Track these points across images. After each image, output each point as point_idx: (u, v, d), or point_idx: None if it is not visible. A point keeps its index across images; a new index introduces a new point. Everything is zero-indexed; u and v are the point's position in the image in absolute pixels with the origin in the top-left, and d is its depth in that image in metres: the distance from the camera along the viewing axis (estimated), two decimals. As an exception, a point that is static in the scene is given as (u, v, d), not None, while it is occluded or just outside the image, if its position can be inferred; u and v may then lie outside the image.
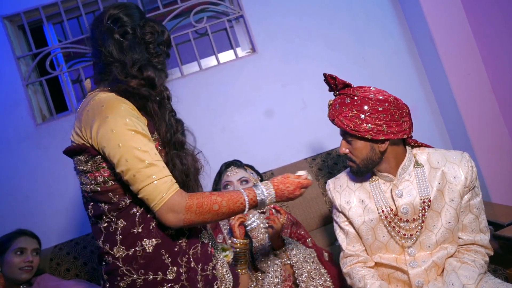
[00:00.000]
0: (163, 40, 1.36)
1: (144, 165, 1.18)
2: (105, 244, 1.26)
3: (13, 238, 2.07)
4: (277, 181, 1.36)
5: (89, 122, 1.21)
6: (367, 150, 1.52)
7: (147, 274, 1.24)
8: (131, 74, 1.28)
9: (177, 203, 1.20)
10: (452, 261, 1.52)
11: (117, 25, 1.31)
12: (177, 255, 1.28)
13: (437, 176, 1.53)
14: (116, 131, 1.18)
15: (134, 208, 1.26)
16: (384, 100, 1.46)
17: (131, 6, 1.37)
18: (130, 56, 1.28)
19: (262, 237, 1.91)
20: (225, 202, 1.26)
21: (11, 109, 2.65)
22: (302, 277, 1.76)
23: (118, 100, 1.24)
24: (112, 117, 1.19)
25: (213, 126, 2.69)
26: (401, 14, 2.80)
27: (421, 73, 2.80)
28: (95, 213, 1.27)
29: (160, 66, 1.35)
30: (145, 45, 1.32)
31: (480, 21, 2.50)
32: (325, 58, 2.75)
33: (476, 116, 2.57)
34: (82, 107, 1.28)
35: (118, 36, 1.30)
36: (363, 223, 1.61)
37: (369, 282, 1.56)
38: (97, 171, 1.24)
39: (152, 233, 1.25)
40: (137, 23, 1.32)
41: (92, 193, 1.26)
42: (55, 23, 2.84)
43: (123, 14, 1.33)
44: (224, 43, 2.87)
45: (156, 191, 1.18)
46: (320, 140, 2.71)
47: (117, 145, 1.17)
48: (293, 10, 2.76)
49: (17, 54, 2.68)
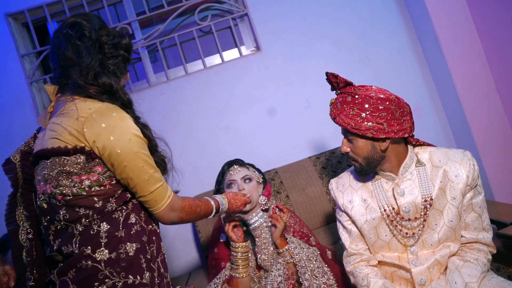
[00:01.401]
0: (120, 43, 1.36)
1: (153, 170, 1.32)
2: (85, 248, 1.24)
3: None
4: (230, 197, 1.68)
5: (96, 127, 1.23)
6: (368, 149, 1.52)
7: (127, 277, 1.26)
8: (88, 81, 1.28)
9: (176, 202, 1.39)
10: (455, 260, 1.52)
11: (74, 29, 1.31)
12: (150, 261, 1.34)
13: (439, 175, 1.53)
14: (131, 138, 1.26)
15: (116, 214, 1.29)
16: (385, 98, 1.46)
17: (89, 14, 1.39)
18: (85, 60, 1.28)
19: (264, 236, 1.91)
20: (203, 207, 1.52)
21: (16, 107, 2.66)
22: (305, 275, 1.76)
23: (122, 110, 1.31)
24: (125, 125, 1.27)
25: (217, 125, 2.70)
26: (406, 13, 2.79)
27: (425, 73, 2.80)
28: (70, 218, 1.25)
29: (114, 68, 1.34)
30: (100, 46, 1.32)
31: (485, 20, 2.49)
32: (330, 57, 2.75)
33: (480, 115, 2.57)
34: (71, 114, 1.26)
35: (75, 40, 1.30)
36: (366, 222, 1.62)
37: (372, 281, 1.56)
38: (86, 174, 1.24)
39: (132, 237, 1.30)
40: (93, 27, 1.33)
41: (71, 197, 1.24)
42: (59, 21, 2.84)
43: (80, 19, 1.34)
44: (229, 42, 2.88)
45: (163, 192, 1.34)
46: (324, 138, 2.71)
47: (132, 152, 1.26)
48: (297, 8, 2.76)
49: (21, 52, 2.69)
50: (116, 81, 1.33)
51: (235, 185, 1.96)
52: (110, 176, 1.28)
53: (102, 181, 1.26)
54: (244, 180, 1.97)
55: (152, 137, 1.41)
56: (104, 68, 1.31)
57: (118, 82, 1.34)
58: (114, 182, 1.29)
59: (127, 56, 1.40)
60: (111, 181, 1.28)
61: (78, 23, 1.32)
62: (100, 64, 1.31)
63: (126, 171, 1.26)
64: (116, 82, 1.32)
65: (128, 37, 1.41)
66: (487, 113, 2.58)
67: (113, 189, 1.28)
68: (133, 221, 1.32)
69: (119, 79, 1.36)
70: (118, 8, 2.87)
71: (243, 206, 1.73)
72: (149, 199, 1.32)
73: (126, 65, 1.41)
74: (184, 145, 2.67)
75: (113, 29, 1.39)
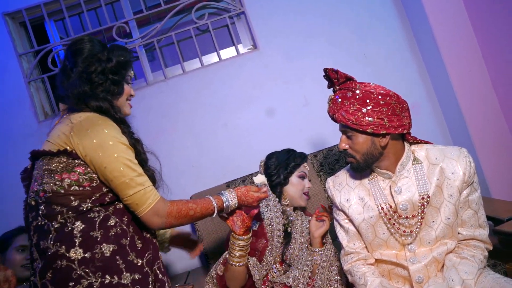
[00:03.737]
0: (107, 67, 1.44)
1: (136, 174, 1.36)
2: (59, 246, 1.29)
3: (14, 236, 2.08)
4: (241, 193, 1.64)
5: (82, 131, 1.33)
6: (368, 145, 1.51)
7: (103, 277, 1.30)
8: (81, 106, 1.40)
9: (161, 208, 1.40)
10: (451, 257, 1.52)
11: (69, 59, 1.45)
12: (131, 263, 1.37)
13: (436, 172, 1.52)
14: (113, 143, 1.33)
15: (92, 214, 1.34)
16: (385, 94, 1.46)
17: (90, 39, 1.49)
18: (76, 89, 1.40)
19: (295, 231, 1.93)
20: (199, 209, 1.51)
21: (14, 107, 2.66)
22: (321, 275, 1.79)
23: (109, 119, 1.41)
24: (109, 131, 1.35)
25: (215, 123, 2.71)
26: (403, 11, 2.80)
27: (422, 70, 2.81)
28: (47, 214, 1.31)
29: (104, 94, 1.44)
30: (88, 77, 1.42)
31: (481, 18, 2.50)
32: (327, 55, 2.75)
33: (477, 112, 2.58)
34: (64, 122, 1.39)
35: (69, 71, 1.44)
36: (363, 220, 1.61)
37: (369, 279, 1.56)
38: (67, 173, 1.32)
39: (110, 239, 1.34)
40: (85, 56, 1.43)
41: (51, 194, 1.31)
42: (57, 20, 2.85)
43: (78, 47, 1.45)
44: (226, 40, 2.88)
45: (145, 197, 1.37)
46: (321, 136, 2.72)
47: (113, 155, 1.32)
48: (294, 7, 2.76)
49: (19, 51, 2.69)
50: (105, 103, 1.42)
51: (306, 178, 2.05)
52: (90, 178, 1.34)
53: (81, 182, 1.32)
54: (308, 178, 2.07)
55: (143, 152, 1.48)
56: (94, 94, 1.41)
57: (109, 103, 1.43)
58: (94, 185, 1.34)
59: (116, 78, 1.47)
60: (91, 183, 1.34)
61: (76, 51, 1.45)
62: (90, 91, 1.41)
63: (106, 173, 1.33)
64: (105, 104, 1.42)
65: (123, 54, 1.49)
66: (483, 110, 2.58)
67: (91, 190, 1.34)
68: (112, 223, 1.36)
69: (109, 101, 1.44)
70: (116, 7, 2.87)
71: (256, 203, 1.69)
72: (130, 202, 1.37)
73: (117, 86, 1.49)
74: (182, 143, 2.67)
75: (110, 49, 1.48)
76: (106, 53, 1.46)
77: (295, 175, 2.01)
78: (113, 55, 1.47)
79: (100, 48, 1.48)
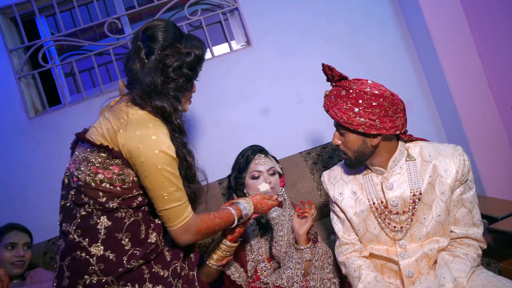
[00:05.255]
0: (186, 61, 1.39)
1: (174, 188, 1.32)
2: (81, 237, 1.28)
3: (3, 233, 2.06)
4: (256, 201, 1.65)
5: (131, 132, 1.29)
6: (359, 143, 1.53)
7: (125, 285, 1.29)
8: (145, 101, 1.35)
9: (192, 226, 1.38)
10: (444, 255, 1.52)
11: (145, 42, 1.38)
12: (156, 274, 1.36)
13: (429, 169, 1.53)
14: (158, 153, 1.28)
15: (119, 213, 1.31)
16: (379, 95, 1.46)
17: (167, 25, 1.41)
18: (146, 79, 1.34)
19: (281, 228, 1.90)
20: (223, 223, 1.50)
21: (4, 103, 2.63)
22: (314, 275, 1.76)
23: (161, 124, 1.35)
24: (157, 138, 1.29)
25: (207, 120, 2.68)
26: (398, 8, 2.78)
27: (417, 67, 2.79)
28: (76, 201, 1.30)
29: (175, 92, 1.39)
30: (163, 69, 1.36)
31: (477, 14, 2.48)
32: (321, 52, 2.73)
33: (472, 110, 2.57)
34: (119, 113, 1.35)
35: (143, 56, 1.38)
36: (355, 214, 1.63)
37: (364, 273, 1.57)
38: (102, 169, 1.29)
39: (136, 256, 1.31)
40: (163, 44, 1.37)
41: (83, 183, 1.29)
42: (48, 16, 2.82)
43: (155, 32, 1.38)
44: (219, 36, 2.86)
45: (179, 213, 1.34)
46: (315, 134, 2.70)
47: (156, 165, 1.28)
48: (288, 3, 2.74)
49: (9, 47, 2.66)
50: (171, 104, 1.37)
51: (261, 176, 1.91)
52: (123, 180, 1.31)
53: (114, 181, 1.29)
54: (269, 173, 1.93)
55: (193, 165, 1.44)
56: (162, 90, 1.36)
57: (174, 105, 1.38)
58: (126, 186, 1.31)
59: (191, 74, 1.43)
60: (122, 185, 1.31)
61: (151, 36, 1.38)
62: (160, 85, 1.36)
63: (146, 181, 1.30)
64: (170, 106, 1.36)
65: (201, 47, 1.44)
66: (478, 108, 2.57)
67: (121, 191, 1.30)
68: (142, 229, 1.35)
69: (178, 101, 1.40)
70: (107, 3, 2.84)
71: (269, 210, 1.71)
72: (163, 215, 1.34)
73: (190, 82, 1.46)
74: (174, 140, 2.65)
75: (188, 40, 1.42)
76: (185, 44, 1.40)
77: (248, 178, 1.94)
78: (191, 49, 1.41)
79: (179, 37, 1.42)
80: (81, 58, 2.68)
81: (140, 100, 1.35)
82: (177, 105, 1.40)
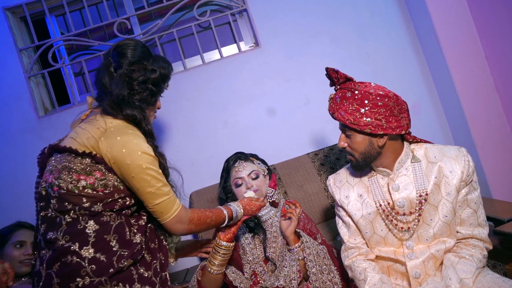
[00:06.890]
0: (150, 78, 1.49)
1: (161, 184, 1.42)
2: (70, 241, 1.31)
3: (12, 231, 2.07)
4: (245, 203, 1.74)
5: (112, 139, 1.37)
6: (366, 144, 1.54)
7: (117, 285, 1.33)
8: (116, 110, 1.45)
9: (184, 216, 1.49)
10: (450, 256, 1.53)
11: (115, 58, 1.49)
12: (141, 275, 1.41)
13: (434, 171, 1.54)
14: (142, 154, 1.38)
15: (105, 217, 1.37)
16: (384, 95, 1.47)
17: (136, 44, 1.53)
18: (114, 91, 1.44)
19: (275, 229, 1.91)
20: (214, 217, 1.61)
21: (13, 102, 2.65)
22: (313, 269, 1.77)
23: (137, 130, 1.46)
24: (137, 142, 1.40)
25: (215, 120, 2.69)
26: (405, 10, 2.79)
27: (424, 70, 2.79)
28: (59, 209, 1.34)
29: (140, 103, 1.49)
30: (129, 82, 1.46)
31: (484, 18, 2.49)
32: (329, 54, 2.74)
33: (479, 113, 2.57)
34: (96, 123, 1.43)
35: (112, 70, 1.49)
36: (362, 217, 1.64)
37: (369, 275, 1.58)
38: (85, 175, 1.35)
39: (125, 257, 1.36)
40: (131, 60, 1.48)
41: (65, 191, 1.33)
42: (58, 15, 2.84)
43: (124, 50, 1.50)
44: (227, 37, 2.87)
45: (169, 205, 1.44)
46: (322, 135, 2.71)
47: (141, 165, 1.37)
48: (297, 5, 2.75)
49: (19, 46, 2.68)
50: (140, 112, 1.47)
51: (243, 183, 1.93)
52: (105, 185, 1.37)
53: (96, 186, 1.35)
54: (251, 177, 1.94)
55: (166, 166, 1.52)
56: (130, 101, 1.46)
57: (142, 113, 1.49)
58: (107, 191, 1.37)
59: (155, 90, 1.53)
60: (104, 189, 1.37)
61: (121, 53, 1.49)
62: (127, 96, 1.46)
63: (134, 182, 1.38)
64: (139, 114, 1.47)
65: (166, 67, 1.56)
66: (485, 111, 2.57)
67: (104, 196, 1.36)
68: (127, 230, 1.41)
69: (143, 111, 1.50)
70: (117, 3, 2.85)
71: (258, 211, 1.80)
72: (155, 210, 1.43)
73: (154, 97, 1.56)
74: (182, 140, 2.67)
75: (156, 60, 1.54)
76: (152, 62, 1.51)
77: (232, 186, 1.97)
78: (157, 67, 1.52)
79: (147, 56, 1.52)
80: (91, 58, 2.70)
81: (111, 110, 1.44)
82: (145, 113, 1.51)
